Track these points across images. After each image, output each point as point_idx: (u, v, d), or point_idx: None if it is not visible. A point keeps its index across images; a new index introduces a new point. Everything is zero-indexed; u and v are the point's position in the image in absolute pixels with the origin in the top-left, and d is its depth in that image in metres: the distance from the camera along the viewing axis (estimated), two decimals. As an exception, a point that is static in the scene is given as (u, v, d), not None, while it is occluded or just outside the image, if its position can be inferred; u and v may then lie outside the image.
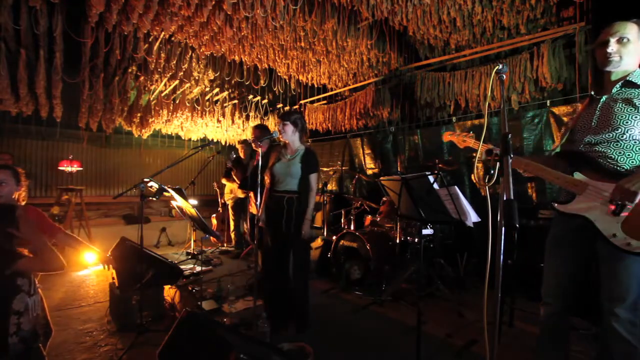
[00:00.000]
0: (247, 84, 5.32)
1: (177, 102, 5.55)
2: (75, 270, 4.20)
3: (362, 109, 5.21)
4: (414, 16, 3.53)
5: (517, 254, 2.61)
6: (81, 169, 5.51)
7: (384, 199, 4.15)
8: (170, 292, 3.27)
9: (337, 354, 2.28)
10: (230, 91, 5.93)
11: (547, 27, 3.61)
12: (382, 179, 2.21)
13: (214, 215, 6.04)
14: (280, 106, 6.43)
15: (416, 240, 3.41)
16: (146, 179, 2.54)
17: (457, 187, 1.80)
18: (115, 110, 4.97)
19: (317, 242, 4.16)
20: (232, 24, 3.42)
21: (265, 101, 6.27)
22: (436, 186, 1.88)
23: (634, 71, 1.53)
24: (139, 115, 5.34)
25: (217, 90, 5.77)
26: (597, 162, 1.51)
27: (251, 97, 6.19)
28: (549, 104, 3.60)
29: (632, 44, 1.50)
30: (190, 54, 4.61)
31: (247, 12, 3.08)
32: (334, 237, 3.82)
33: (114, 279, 2.91)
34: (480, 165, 3.58)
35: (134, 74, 4.69)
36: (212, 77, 5.30)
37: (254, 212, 2.99)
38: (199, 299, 3.06)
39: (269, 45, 4.15)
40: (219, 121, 6.25)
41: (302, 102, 6.34)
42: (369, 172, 5.50)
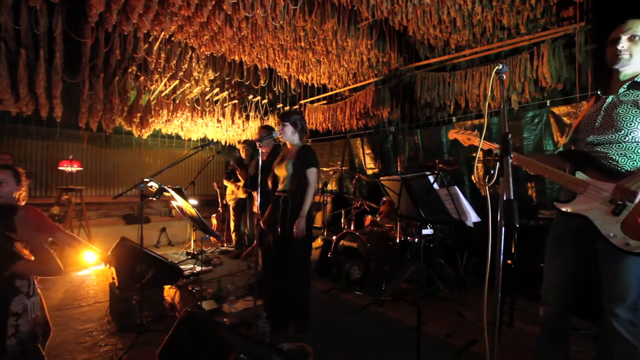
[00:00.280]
0: (247, 84, 5.32)
1: (177, 102, 5.55)
2: (75, 270, 4.20)
3: (362, 109, 5.21)
4: (414, 16, 3.52)
5: (517, 254, 2.61)
6: (81, 169, 5.51)
7: (384, 199, 4.15)
8: (170, 292, 3.26)
9: (337, 354, 2.28)
10: (230, 91, 5.93)
11: (547, 27, 3.61)
12: (382, 179, 2.21)
13: (214, 215, 6.05)
14: (280, 106, 6.43)
15: (416, 240, 3.41)
16: (146, 179, 2.54)
17: (457, 187, 1.80)
18: (115, 110, 4.97)
19: (317, 242, 4.16)
20: (232, 24, 3.42)
21: (265, 101, 6.26)
22: (436, 186, 1.88)
23: None
24: (139, 115, 5.34)
25: (217, 90, 5.77)
26: (598, 162, 1.51)
27: (251, 97, 6.19)
28: (549, 104, 3.60)
29: None
30: (190, 54, 4.60)
31: (247, 12, 3.08)
32: (334, 237, 3.82)
33: (114, 279, 2.91)
34: (480, 165, 3.58)
35: (134, 74, 4.69)
36: (212, 77, 5.30)
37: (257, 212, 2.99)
38: (199, 299, 3.06)
39: (269, 45, 4.14)
40: (219, 121, 6.25)
41: (302, 102, 6.34)
42: (369, 172, 5.50)
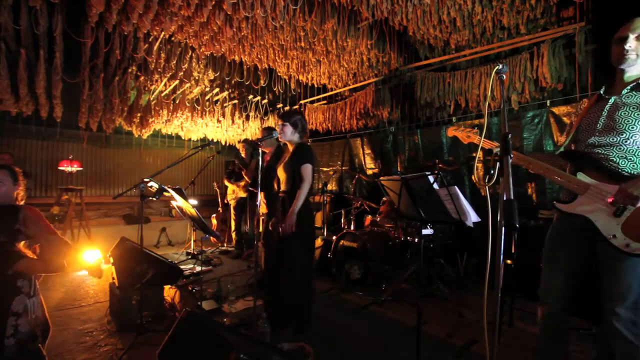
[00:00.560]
0: (247, 84, 5.32)
1: (177, 102, 5.55)
2: (75, 270, 4.20)
3: (362, 109, 5.21)
4: (414, 16, 3.52)
5: (517, 254, 2.61)
6: (81, 169, 5.51)
7: (384, 199, 4.15)
8: (170, 292, 3.26)
9: (337, 354, 2.28)
10: (230, 91, 5.93)
11: (547, 27, 3.61)
12: (382, 179, 2.21)
13: (214, 215, 6.05)
14: (280, 106, 6.43)
15: (416, 240, 3.41)
16: (146, 179, 2.54)
17: (457, 187, 1.80)
18: (115, 110, 4.97)
19: (317, 242, 4.16)
20: (232, 24, 3.42)
21: (265, 101, 6.26)
22: (436, 186, 1.87)
23: None
24: (139, 115, 5.34)
25: (217, 90, 5.77)
26: (599, 163, 1.50)
27: (251, 97, 6.19)
28: (549, 104, 3.60)
29: None
30: (190, 54, 4.60)
31: (247, 12, 3.08)
32: (334, 237, 3.82)
33: (114, 278, 2.91)
34: (480, 165, 3.58)
35: (134, 74, 4.69)
36: (212, 77, 5.30)
37: (264, 211, 2.99)
38: (199, 299, 3.06)
39: (269, 45, 4.14)
40: (219, 121, 6.25)
41: (302, 102, 6.33)
42: (369, 172, 5.50)
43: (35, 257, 1.71)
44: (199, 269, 3.97)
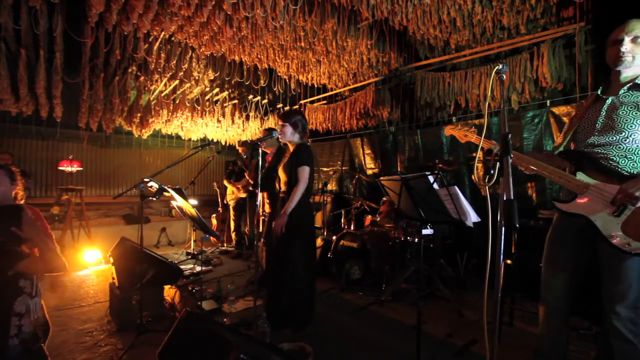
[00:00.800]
0: (247, 84, 5.32)
1: (177, 102, 5.55)
2: (75, 270, 4.20)
3: (362, 109, 5.21)
4: (414, 16, 3.52)
5: (517, 253, 2.61)
6: (81, 169, 5.51)
7: (384, 199, 4.15)
8: (170, 292, 3.26)
9: (337, 354, 2.28)
10: (230, 91, 5.93)
11: (547, 27, 3.61)
12: (382, 179, 2.21)
13: (214, 215, 6.05)
14: (280, 106, 6.43)
15: (416, 240, 3.41)
16: (146, 179, 2.53)
17: (457, 187, 1.80)
18: (115, 110, 4.97)
19: (317, 242, 4.16)
20: (232, 24, 3.42)
21: (265, 101, 6.26)
22: (436, 186, 1.87)
23: None
24: (139, 115, 5.35)
25: (217, 90, 5.77)
26: (599, 163, 1.51)
27: (251, 97, 6.19)
28: (549, 104, 3.60)
29: None
30: (190, 54, 4.60)
31: (247, 12, 3.08)
32: (334, 237, 3.82)
33: (114, 278, 2.91)
34: (480, 165, 3.58)
35: (134, 74, 4.69)
36: (212, 77, 5.30)
37: (267, 211, 3.00)
38: (199, 299, 3.06)
39: (269, 45, 4.14)
40: (219, 121, 6.25)
41: (302, 102, 6.33)
42: (369, 172, 5.50)
43: (34, 257, 1.70)
44: (199, 269, 3.97)
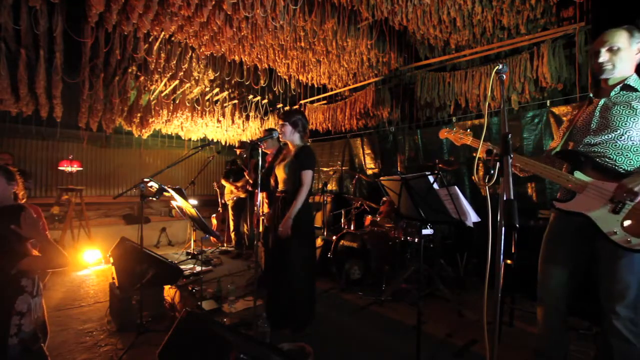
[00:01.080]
0: (247, 84, 5.32)
1: (177, 102, 5.55)
2: (75, 270, 4.20)
3: (362, 109, 5.21)
4: (414, 16, 3.52)
5: (517, 253, 2.61)
6: (81, 169, 5.51)
7: (384, 199, 4.15)
8: (170, 292, 3.26)
9: (337, 354, 2.28)
10: (230, 91, 5.93)
11: (547, 27, 3.61)
12: (382, 179, 2.21)
13: (214, 215, 6.05)
14: (280, 106, 6.43)
15: (416, 240, 3.41)
16: (146, 179, 2.54)
17: (457, 187, 1.80)
18: (115, 110, 4.97)
19: (317, 242, 4.16)
20: (232, 24, 3.42)
21: (265, 101, 6.26)
22: (436, 186, 1.87)
23: (631, 75, 1.55)
24: (139, 115, 5.34)
25: (217, 90, 5.77)
26: (596, 161, 1.52)
27: (251, 97, 6.19)
28: (549, 104, 3.60)
29: (624, 51, 1.52)
30: (190, 54, 4.60)
31: (247, 12, 3.08)
32: (334, 237, 3.82)
33: (114, 278, 2.91)
34: (481, 164, 3.58)
35: (134, 74, 4.69)
36: (212, 77, 5.30)
37: (266, 210, 2.99)
38: (199, 299, 3.06)
39: (269, 45, 4.14)
40: (219, 121, 6.25)
41: (302, 102, 6.33)
42: (369, 172, 5.50)
43: (38, 255, 1.70)
44: (199, 269, 3.97)
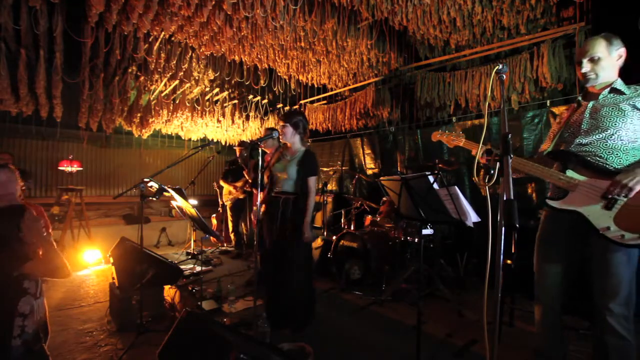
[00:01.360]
0: (247, 84, 5.32)
1: (177, 102, 5.55)
2: (75, 270, 4.20)
3: (362, 109, 5.21)
4: (414, 16, 3.52)
5: (517, 253, 2.61)
6: (81, 169, 5.51)
7: (384, 199, 4.15)
8: (170, 292, 3.26)
9: (338, 354, 2.28)
10: (230, 91, 5.93)
11: (547, 27, 3.61)
12: (382, 179, 2.21)
13: (214, 215, 6.04)
14: (280, 106, 6.43)
15: (416, 240, 3.41)
16: (146, 179, 2.54)
17: (457, 187, 1.80)
18: (115, 110, 4.97)
19: (317, 242, 4.16)
20: (232, 24, 3.42)
21: (265, 101, 6.26)
22: (436, 186, 1.87)
23: (616, 80, 1.59)
24: (139, 115, 5.34)
25: (217, 90, 5.77)
26: (587, 160, 1.55)
27: (251, 97, 6.19)
28: (549, 104, 3.60)
29: (604, 59, 1.56)
30: (190, 54, 4.60)
31: (247, 12, 3.08)
32: (334, 237, 3.82)
33: (114, 278, 2.91)
34: (482, 171, 3.58)
35: (134, 74, 4.69)
36: (212, 77, 5.30)
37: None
38: (199, 299, 3.06)
39: (269, 45, 4.14)
40: (219, 121, 6.25)
41: (302, 102, 6.33)
42: (369, 172, 5.50)
43: (38, 260, 1.70)
44: (199, 269, 3.97)
